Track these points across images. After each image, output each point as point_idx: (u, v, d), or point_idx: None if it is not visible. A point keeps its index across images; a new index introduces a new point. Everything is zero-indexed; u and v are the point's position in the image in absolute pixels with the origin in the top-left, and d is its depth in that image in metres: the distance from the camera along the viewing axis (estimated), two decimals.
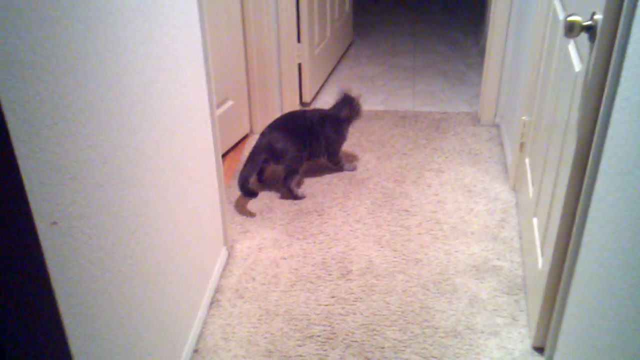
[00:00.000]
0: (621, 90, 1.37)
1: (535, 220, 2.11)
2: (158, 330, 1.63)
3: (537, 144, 2.23)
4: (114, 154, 1.32)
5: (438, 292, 2.17)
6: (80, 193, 1.18)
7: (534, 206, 2.16)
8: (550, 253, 1.76)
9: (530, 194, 2.27)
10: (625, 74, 1.35)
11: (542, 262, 1.91)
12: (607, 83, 1.43)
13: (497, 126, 3.35)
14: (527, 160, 2.46)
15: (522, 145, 2.58)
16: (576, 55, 1.69)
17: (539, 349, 1.91)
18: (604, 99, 1.45)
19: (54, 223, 1.08)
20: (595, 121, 1.51)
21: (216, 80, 2.48)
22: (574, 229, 1.63)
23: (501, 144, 3.16)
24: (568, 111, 1.70)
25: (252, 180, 2.77)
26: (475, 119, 3.44)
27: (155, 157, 1.56)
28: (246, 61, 3.13)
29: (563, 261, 1.72)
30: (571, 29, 1.51)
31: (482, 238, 2.45)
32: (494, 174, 2.90)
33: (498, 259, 2.33)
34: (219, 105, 2.93)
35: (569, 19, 1.50)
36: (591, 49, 1.49)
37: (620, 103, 1.37)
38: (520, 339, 1.96)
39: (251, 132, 3.33)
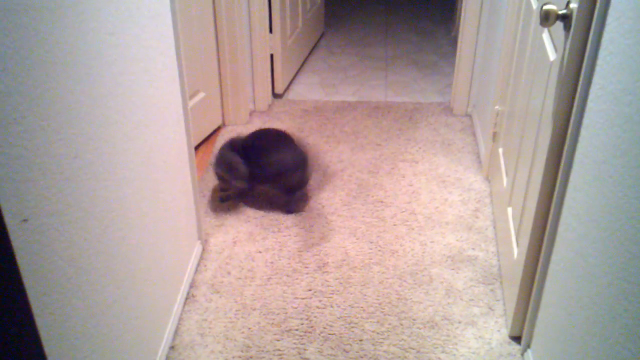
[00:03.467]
0: (596, 79, 1.38)
1: (510, 210, 2.12)
2: (133, 327, 1.60)
3: (510, 133, 2.24)
4: (85, 148, 1.29)
5: (414, 283, 2.17)
6: (51, 189, 1.14)
7: (508, 196, 2.17)
8: (526, 242, 1.77)
9: (505, 184, 2.28)
10: (600, 62, 1.36)
11: (517, 251, 1.92)
12: (582, 72, 1.44)
13: (470, 116, 3.36)
14: (500, 150, 2.47)
15: (495, 135, 2.59)
16: (550, 45, 1.69)
17: (516, 338, 1.92)
18: (579, 87, 1.46)
19: (25, 220, 1.05)
20: (570, 110, 1.51)
21: (187, 71, 2.44)
22: (550, 218, 1.63)
23: (474, 134, 3.17)
24: (542, 100, 1.70)
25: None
26: (448, 109, 3.44)
27: (127, 150, 1.53)
28: (217, 52, 3.09)
29: (539, 250, 1.73)
30: (547, 18, 1.51)
31: (457, 228, 2.45)
32: (467, 164, 2.91)
33: (473, 248, 2.34)
34: (190, 97, 2.88)
35: (545, 7, 1.50)
36: (566, 37, 1.49)
37: (595, 92, 1.38)
38: (497, 329, 1.97)
39: (223, 124, 3.29)
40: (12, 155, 1.00)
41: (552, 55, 1.65)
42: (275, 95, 3.61)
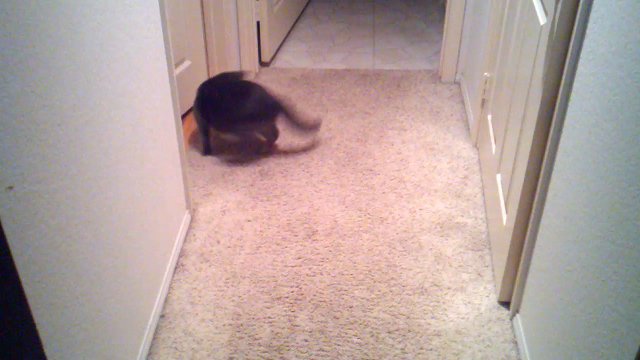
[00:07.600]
0: (587, 43, 1.37)
1: (499, 177, 2.13)
2: (123, 296, 1.60)
3: (499, 100, 2.23)
4: (70, 115, 1.26)
5: (404, 250, 2.17)
6: (36, 156, 1.12)
7: (497, 162, 2.17)
8: (515, 208, 1.77)
9: (493, 151, 2.27)
10: (591, 26, 1.35)
11: (506, 217, 1.93)
12: (573, 35, 1.43)
13: (458, 83, 3.35)
14: (489, 117, 2.47)
15: (483, 101, 2.58)
16: (541, 9, 1.68)
17: (505, 303, 1.94)
18: (569, 51, 1.45)
19: (10, 187, 1.03)
20: (560, 74, 1.50)
21: (173, 39, 2.40)
22: (539, 184, 1.63)
23: (462, 102, 3.16)
24: (532, 66, 1.69)
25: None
26: (436, 77, 3.43)
27: (113, 118, 1.50)
28: (203, 20, 3.04)
29: (528, 216, 1.73)
30: None
31: (446, 195, 2.46)
32: (455, 131, 2.90)
33: (462, 215, 2.34)
34: (176, 65, 2.84)
35: None
36: (557, 1, 1.47)
37: (586, 55, 1.37)
38: (486, 294, 1.98)
39: None
40: None
41: (542, 20, 1.64)
42: (262, 64, 3.58)
